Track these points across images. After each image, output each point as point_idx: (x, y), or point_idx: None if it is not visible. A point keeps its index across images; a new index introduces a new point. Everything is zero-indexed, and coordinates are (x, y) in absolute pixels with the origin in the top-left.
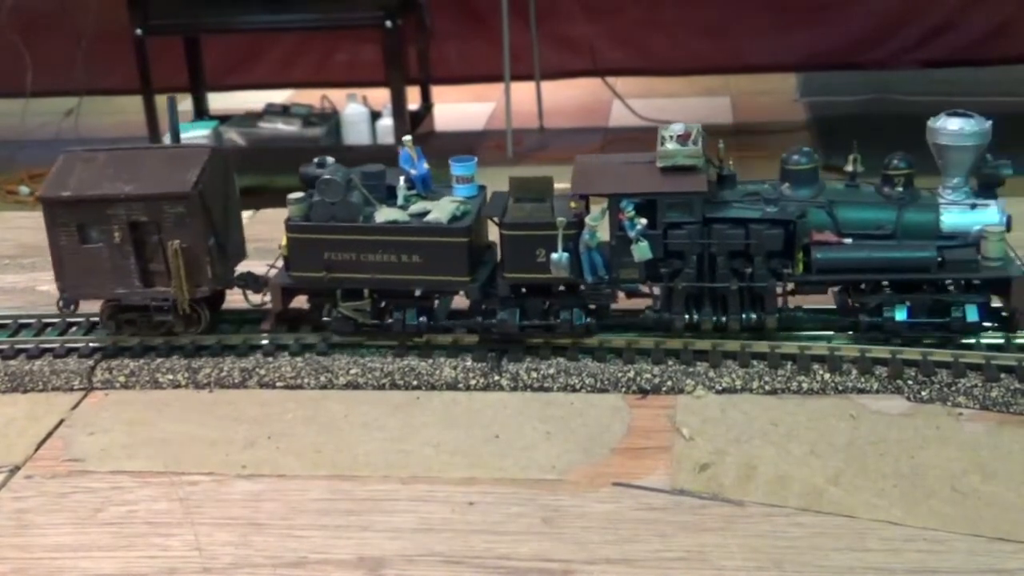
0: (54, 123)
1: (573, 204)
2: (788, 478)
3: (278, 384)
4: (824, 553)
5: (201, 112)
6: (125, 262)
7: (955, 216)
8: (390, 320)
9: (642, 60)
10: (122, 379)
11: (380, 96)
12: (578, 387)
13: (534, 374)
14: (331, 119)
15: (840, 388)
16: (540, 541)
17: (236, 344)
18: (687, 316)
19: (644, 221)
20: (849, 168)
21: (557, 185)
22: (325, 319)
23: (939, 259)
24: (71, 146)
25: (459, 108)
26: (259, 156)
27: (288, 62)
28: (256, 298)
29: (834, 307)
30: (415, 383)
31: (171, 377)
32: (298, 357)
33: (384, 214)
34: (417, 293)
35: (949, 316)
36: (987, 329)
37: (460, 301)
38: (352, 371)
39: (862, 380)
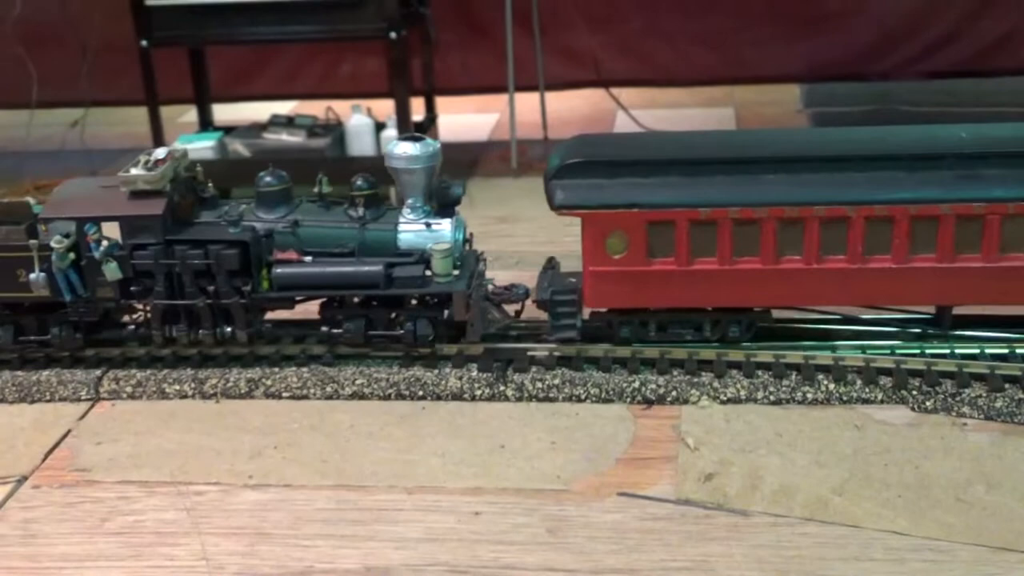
0: (60, 134)
1: (44, 228)
2: (793, 488)
3: (284, 394)
4: (829, 563)
5: (206, 123)
6: None
7: (411, 235)
8: None
9: (646, 71)
10: (129, 389)
11: (385, 107)
12: (583, 397)
13: (539, 384)
14: (335, 130)
15: (844, 398)
16: (545, 551)
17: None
18: (164, 332)
19: (107, 242)
20: (316, 189)
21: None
22: None
23: (389, 275)
24: (76, 157)
25: (463, 119)
26: (264, 167)
27: (293, 73)
28: None
29: (306, 319)
30: (421, 393)
31: (178, 387)
32: (304, 368)
33: None
34: None
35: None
36: (438, 341)
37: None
38: (358, 381)
39: (866, 390)
